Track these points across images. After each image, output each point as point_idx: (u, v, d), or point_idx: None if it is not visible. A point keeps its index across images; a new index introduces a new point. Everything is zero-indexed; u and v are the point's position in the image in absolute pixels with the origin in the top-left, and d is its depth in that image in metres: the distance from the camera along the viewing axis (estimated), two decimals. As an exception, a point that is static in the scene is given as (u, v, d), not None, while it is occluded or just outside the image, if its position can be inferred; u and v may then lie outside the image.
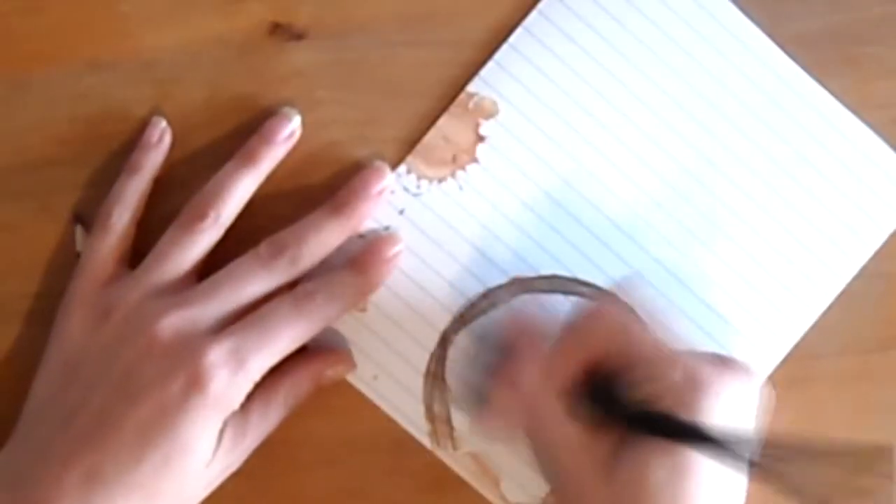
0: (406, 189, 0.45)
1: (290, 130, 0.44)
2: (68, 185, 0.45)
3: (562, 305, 0.45)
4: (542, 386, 0.40)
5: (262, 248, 0.43)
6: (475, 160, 0.45)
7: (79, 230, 0.45)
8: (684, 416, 0.38)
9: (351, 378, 0.45)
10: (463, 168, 0.45)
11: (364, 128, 0.45)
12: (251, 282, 0.42)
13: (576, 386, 0.40)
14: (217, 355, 0.40)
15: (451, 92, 0.45)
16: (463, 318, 0.45)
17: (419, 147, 0.45)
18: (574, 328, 0.41)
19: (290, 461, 0.45)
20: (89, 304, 0.43)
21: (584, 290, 0.45)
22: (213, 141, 0.45)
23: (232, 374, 0.40)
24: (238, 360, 0.40)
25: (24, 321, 0.45)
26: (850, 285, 0.45)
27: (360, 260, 0.44)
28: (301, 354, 0.43)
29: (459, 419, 0.45)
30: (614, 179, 0.45)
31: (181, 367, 0.40)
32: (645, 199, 0.45)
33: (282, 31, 0.45)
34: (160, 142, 0.45)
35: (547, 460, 0.40)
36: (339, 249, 0.44)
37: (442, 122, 0.45)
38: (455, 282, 0.45)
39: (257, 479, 0.44)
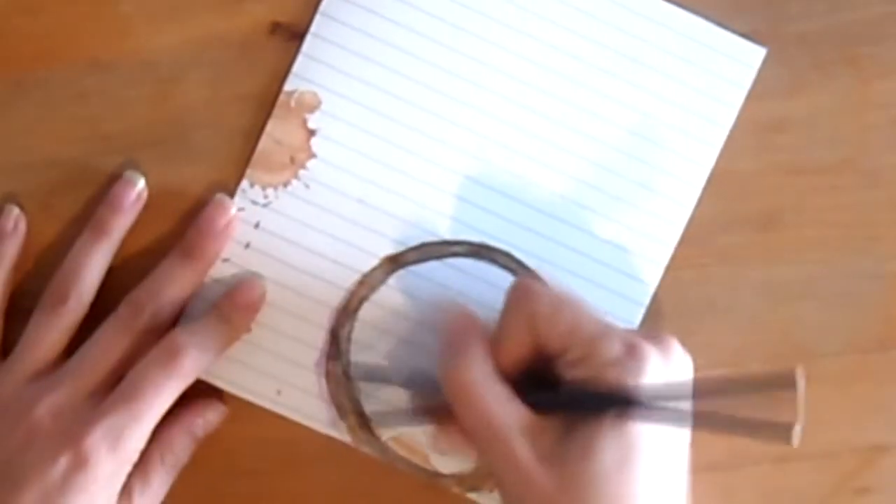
0: (255, 202, 0.45)
1: (136, 194, 0.44)
2: (68, 185, 0.45)
3: (440, 272, 0.44)
4: (484, 374, 0.39)
5: (122, 309, 0.43)
6: (313, 155, 0.45)
7: None
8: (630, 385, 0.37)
9: (255, 398, 0.44)
10: (303, 166, 0.45)
11: (364, 128, 0.45)
12: (119, 346, 0.42)
13: (519, 371, 0.39)
14: (95, 434, 0.39)
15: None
16: (346, 310, 0.44)
17: (255, 157, 0.45)
18: (510, 311, 0.40)
19: (290, 461, 0.45)
20: None
21: (457, 249, 0.45)
22: (213, 141, 0.45)
23: (111, 451, 0.40)
24: (114, 436, 0.40)
25: (24, 320, 0.45)
26: (850, 285, 0.45)
27: (224, 308, 0.43)
28: (167, 414, 0.42)
29: (372, 409, 0.44)
30: (450, 132, 0.45)
31: (62, 451, 0.39)
32: (485, 141, 0.45)
33: (282, 31, 0.45)
34: (15, 230, 0.44)
35: (490, 451, 0.38)
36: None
37: (269, 126, 0.45)
38: (329, 278, 0.44)
39: (257, 479, 0.44)
